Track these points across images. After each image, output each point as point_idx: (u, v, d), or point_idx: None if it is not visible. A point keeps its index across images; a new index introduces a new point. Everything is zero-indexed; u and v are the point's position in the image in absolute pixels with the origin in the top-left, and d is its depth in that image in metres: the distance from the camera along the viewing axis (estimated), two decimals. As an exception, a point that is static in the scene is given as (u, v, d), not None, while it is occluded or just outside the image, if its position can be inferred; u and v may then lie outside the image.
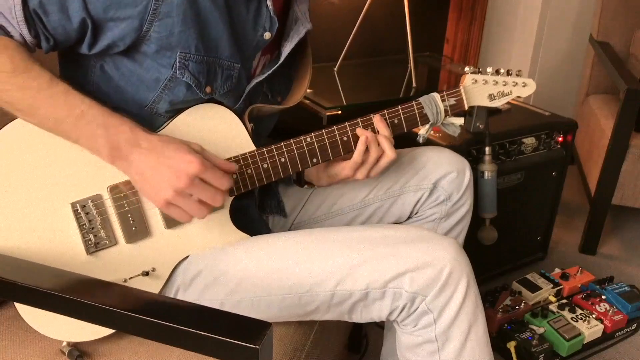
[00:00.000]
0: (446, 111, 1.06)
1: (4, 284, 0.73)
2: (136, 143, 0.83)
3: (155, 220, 0.91)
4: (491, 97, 1.10)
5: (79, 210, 0.86)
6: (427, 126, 1.07)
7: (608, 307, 1.58)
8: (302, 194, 1.16)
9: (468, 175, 1.14)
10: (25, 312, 0.86)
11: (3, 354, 0.87)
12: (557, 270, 1.74)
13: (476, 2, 2.38)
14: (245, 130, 0.96)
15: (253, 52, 0.97)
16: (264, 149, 0.96)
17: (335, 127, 0.99)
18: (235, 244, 0.95)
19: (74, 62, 0.91)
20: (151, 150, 0.83)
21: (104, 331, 0.89)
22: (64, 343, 0.88)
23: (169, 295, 0.94)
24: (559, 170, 1.76)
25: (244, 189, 0.96)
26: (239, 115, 0.96)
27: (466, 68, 1.09)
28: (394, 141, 1.02)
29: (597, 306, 1.58)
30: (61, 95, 0.81)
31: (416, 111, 1.04)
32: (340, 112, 1.63)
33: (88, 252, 0.87)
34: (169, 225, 0.92)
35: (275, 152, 0.96)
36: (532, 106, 1.82)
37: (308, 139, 0.98)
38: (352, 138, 1.00)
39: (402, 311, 0.88)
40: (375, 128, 1.01)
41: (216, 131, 0.94)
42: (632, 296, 1.63)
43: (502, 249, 1.74)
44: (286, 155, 0.97)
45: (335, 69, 2.00)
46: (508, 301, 1.57)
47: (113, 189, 0.87)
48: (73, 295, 0.70)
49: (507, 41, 2.57)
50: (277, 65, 0.99)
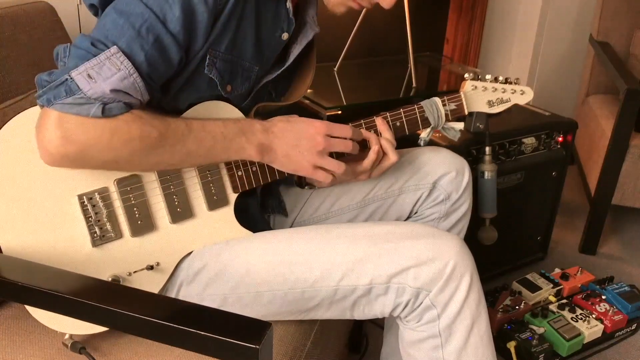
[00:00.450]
0: (447, 115, 1.07)
1: (4, 284, 0.73)
2: (269, 132, 0.91)
3: (160, 214, 0.91)
4: (490, 104, 1.12)
5: (86, 202, 0.86)
6: (428, 130, 1.09)
7: (608, 307, 1.58)
8: (303, 194, 1.16)
9: (467, 175, 1.14)
10: (29, 306, 0.86)
11: (3, 354, 0.87)
12: (557, 270, 1.74)
13: (476, 2, 2.39)
14: None
15: (271, 54, 0.98)
16: None
17: None
18: (238, 240, 0.95)
19: None
20: (282, 131, 0.91)
21: (106, 325, 0.89)
22: (67, 336, 0.88)
23: (173, 289, 0.95)
24: (559, 170, 1.76)
25: (248, 187, 0.97)
26: (245, 113, 0.97)
27: (466, 74, 1.10)
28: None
29: (597, 306, 1.58)
30: (200, 129, 0.86)
31: (418, 114, 1.05)
32: (340, 112, 1.63)
33: (94, 245, 0.87)
34: (174, 219, 0.92)
35: None
36: (532, 106, 1.82)
37: None
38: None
39: (406, 307, 0.88)
40: (377, 130, 1.01)
41: None
42: (632, 296, 1.63)
43: (502, 249, 1.74)
44: None
45: (335, 69, 2.00)
46: (508, 301, 1.57)
47: (120, 182, 0.88)
48: (73, 295, 0.70)
49: (507, 41, 2.57)
50: (285, 67, 1.01)
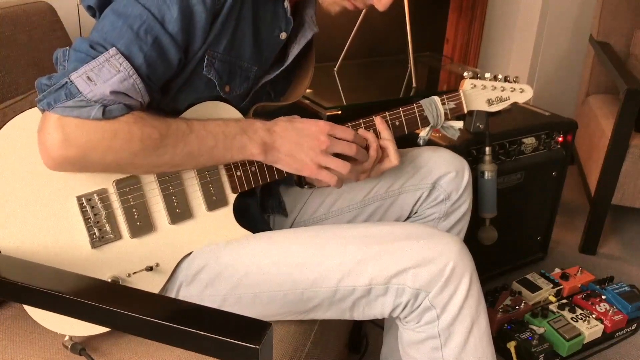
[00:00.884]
0: (446, 114, 1.07)
1: (4, 284, 0.73)
2: (271, 130, 0.90)
3: (159, 215, 0.91)
4: (490, 102, 1.12)
5: (85, 204, 0.86)
6: (428, 129, 1.08)
7: (608, 307, 1.58)
8: (303, 194, 1.16)
9: (467, 175, 1.14)
10: (29, 307, 0.86)
11: (3, 354, 0.87)
12: (557, 270, 1.74)
13: (476, 2, 2.38)
14: None
15: (270, 54, 0.98)
16: None
17: None
18: (238, 240, 0.95)
19: None
20: (285, 130, 0.90)
21: (106, 326, 0.89)
22: (67, 337, 0.88)
23: (172, 290, 0.94)
24: (559, 170, 1.76)
25: (248, 187, 0.97)
26: (244, 113, 0.97)
27: (465, 73, 1.10)
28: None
29: (597, 306, 1.58)
30: (200, 128, 0.85)
31: (417, 113, 1.05)
32: (340, 112, 1.63)
33: (93, 246, 0.87)
34: (174, 220, 0.92)
35: None
36: (532, 106, 1.82)
37: None
38: None
39: (405, 307, 0.88)
40: (376, 129, 1.01)
41: None
42: (632, 296, 1.63)
43: (502, 249, 1.74)
44: None
45: (335, 69, 2.00)
46: (508, 301, 1.57)
47: (118, 183, 0.87)
48: (73, 295, 0.70)
49: (507, 41, 2.57)
50: (284, 67, 1.00)
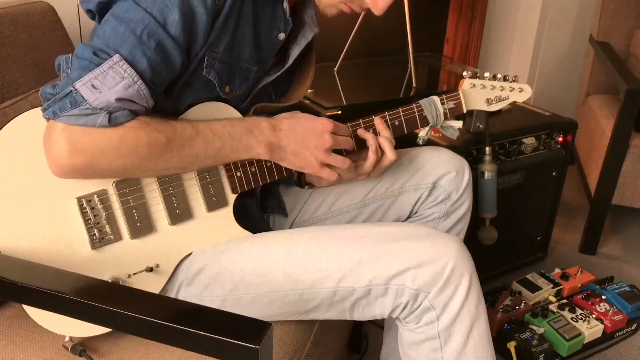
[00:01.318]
0: (445, 114, 1.07)
1: (4, 284, 0.73)
2: (276, 129, 0.91)
3: (159, 216, 0.91)
4: (489, 102, 1.12)
5: (85, 205, 0.86)
6: (427, 128, 1.08)
7: (608, 307, 1.58)
8: (303, 194, 1.16)
9: (467, 175, 1.14)
10: (29, 308, 0.86)
11: (3, 354, 0.87)
12: (557, 270, 1.74)
13: (476, 2, 2.38)
14: None
15: (269, 54, 0.98)
16: None
17: None
18: (238, 241, 0.95)
19: None
20: (289, 128, 0.91)
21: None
22: (67, 338, 0.88)
23: (172, 290, 0.94)
24: (559, 170, 1.76)
25: (247, 187, 0.97)
26: (244, 114, 0.97)
27: (464, 72, 1.10)
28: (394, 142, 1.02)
29: (597, 306, 1.58)
30: (207, 130, 0.86)
31: (416, 113, 1.05)
32: (340, 112, 1.63)
33: (93, 247, 0.87)
34: (174, 221, 0.92)
35: None
36: (532, 106, 1.82)
37: None
38: (354, 139, 1.00)
39: (405, 308, 0.88)
40: (376, 129, 1.01)
41: None
42: (632, 296, 1.63)
43: (502, 249, 1.74)
44: None
45: (335, 69, 2.00)
46: (508, 301, 1.57)
47: (118, 184, 0.87)
48: (73, 295, 0.70)
49: (507, 41, 2.57)
50: (285, 68, 1.00)
